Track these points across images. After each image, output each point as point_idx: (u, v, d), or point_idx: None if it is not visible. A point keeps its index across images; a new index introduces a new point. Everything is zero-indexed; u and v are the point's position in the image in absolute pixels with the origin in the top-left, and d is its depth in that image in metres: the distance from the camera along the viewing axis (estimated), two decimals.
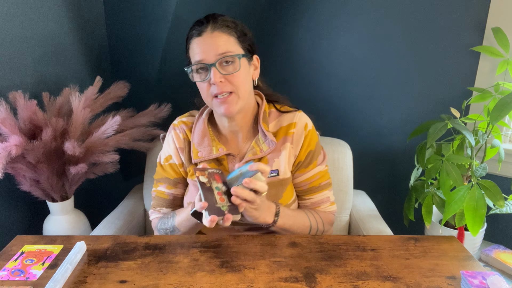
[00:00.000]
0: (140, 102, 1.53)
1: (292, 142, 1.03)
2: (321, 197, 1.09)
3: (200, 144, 1.03)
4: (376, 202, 1.49)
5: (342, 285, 0.80)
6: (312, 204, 1.09)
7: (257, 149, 1.01)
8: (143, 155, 1.47)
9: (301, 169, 1.06)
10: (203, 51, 0.93)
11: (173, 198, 1.11)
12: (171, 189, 1.10)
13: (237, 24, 0.97)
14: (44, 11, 1.37)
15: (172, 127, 1.10)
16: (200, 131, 1.04)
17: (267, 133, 1.01)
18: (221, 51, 0.92)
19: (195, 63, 0.94)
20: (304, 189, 1.08)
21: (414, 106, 1.63)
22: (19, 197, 1.38)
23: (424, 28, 1.53)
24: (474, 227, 1.19)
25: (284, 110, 1.07)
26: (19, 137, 1.12)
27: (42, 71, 1.41)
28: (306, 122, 1.06)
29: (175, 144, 1.07)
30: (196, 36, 0.94)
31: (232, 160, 1.03)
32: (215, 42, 0.92)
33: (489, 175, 1.49)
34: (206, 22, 0.94)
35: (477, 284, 0.77)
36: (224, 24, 0.94)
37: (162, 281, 0.81)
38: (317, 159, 1.07)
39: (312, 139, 1.06)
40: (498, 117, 1.16)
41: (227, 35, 0.94)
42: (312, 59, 1.76)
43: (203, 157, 1.02)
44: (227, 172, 1.04)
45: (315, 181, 1.07)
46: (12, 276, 0.83)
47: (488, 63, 1.45)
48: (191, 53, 0.96)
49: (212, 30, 0.93)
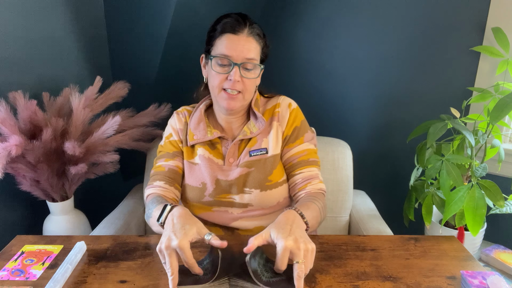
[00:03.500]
0: (140, 102, 1.53)
1: (278, 120, 1.11)
2: (310, 172, 1.09)
3: (196, 128, 1.10)
4: (376, 202, 1.49)
5: (342, 285, 0.80)
6: (303, 179, 1.08)
7: (247, 131, 1.09)
8: (143, 155, 1.47)
9: (288, 144, 1.11)
10: (234, 49, 0.99)
11: (168, 170, 1.10)
12: (168, 161, 1.11)
13: (265, 36, 1.06)
14: (44, 11, 1.37)
15: (175, 112, 1.17)
16: (196, 118, 1.12)
17: (258, 114, 1.09)
18: (249, 56, 1.00)
19: (221, 55, 0.99)
20: (293, 163, 1.10)
21: (414, 106, 1.63)
22: (19, 197, 1.38)
23: (424, 28, 1.53)
24: (474, 227, 1.19)
25: (269, 96, 1.17)
26: (19, 137, 1.12)
27: (42, 71, 1.41)
28: (289, 102, 1.13)
29: (176, 125, 1.14)
30: (231, 32, 0.99)
31: (225, 143, 1.10)
32: (247, 46, 1.00)
33: (489, 175, 1.49)
34: (243, 23, 1.00)
35: (477, 284, 0.76)
36: (257, 32, 1.02)
37: (162, 281, 0.81)
38: (304, 136, 1.11)
39: (297, 117, 1.12)
40: (498, 117, 1.16)
41: (256, 43, 1.02)
42: (312, 59, 1.76)
43: (198, 139, 1.09)
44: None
45: (304, 156, 1.10)
46: (12, 276, 0.83)
47: (488, 63, 1.45)
48: (219, 44, 1.00)
49: (248, 34, 1.00)
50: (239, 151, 1.09)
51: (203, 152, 1.09)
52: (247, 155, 1.07)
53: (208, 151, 1.09)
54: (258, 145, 1.08)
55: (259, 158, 1.07)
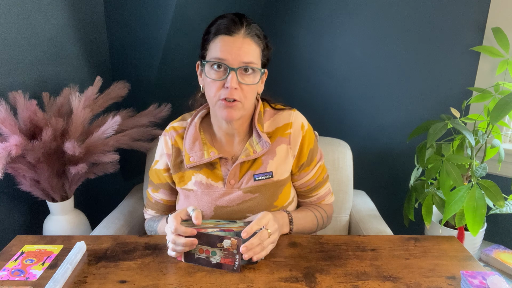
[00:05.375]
0: (140, 102, 1.53)
1: (289, 143, 1.02)
2: (325, 190, 1.12)
3: (192, 149, 1.01)
4: (376, 202, 1.49)
5: (342, 285, 0.80)
6: (319, 199, 1.12)
7: (250, 151, 0.99)
8: (143, 155, 1.47)
9: (305, 168, 1.06)
10: (229, 52, 0.89)
11: (155, 202, 1.13)
12: (154, 193, 1.12)
13: (265, 37, 0.96)
14: (44, 11, 1.37)
15: (163, 133, 1.08)
16: (191, 136, 1.02)
17: (262, 134, 0.99)
18: (247, 59, 0.89)
19: (215, 59, 0.90)
20: (311, 187, 1.09)
21: (414, 106, 1.63)
22: (19, 197, 1.38)
23: (424, 28, 1.53)
24: (474, 227, 1.19)
25: (278, 108, 1.06)
26: (19, 137, 1.12)
27: (42, 71, 1.41)
28: (302, 122, 1.04)
29: (163, 150, 1.07)
30: (225, 34, 0.89)
31: (225, 163, 1.01)
32: (245, 48, 0.89)
33: (489, 175, 1.49)
34: (240, 23, 0.90)
35: (477, 284, 0.76)
36: (256, 33, 0.92)
37: (162, 281, 0.81)
38: (316, 156, 1.09)
39: (311, 138, 1.05)
40: (498, 117, 1.16)
41: (255, 45, 0.92)
42: (312, 59, 1.76)
43: (195, 162, 1.00)
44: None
45: (319, 176, 1.09)
46: (12, 276, 0.83)
47: (488, 63, 1.45)
48: (213, 47, 0.91)
49: (245, 35, 0.90)
50: (241, 172, 1.00)
51: (200, 178, 1.01)
52: (251, 179, 0.99)
53: (206, 175, 1.00)
54: (264, 168, 0.99)
55: (264, 183, 0.99)
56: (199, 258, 0.85)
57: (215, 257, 0.84)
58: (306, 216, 1.05)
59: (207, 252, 0.84)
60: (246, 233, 0.82)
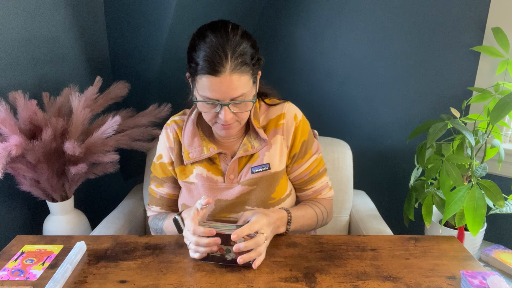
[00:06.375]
0: (140, 102, 1.53)
1: (283, 133, 1.04)
2: (321, 184, 1.11)
3: (191, 145, 1.03)
4: (376, 202, 1.49)
5: (342, 285, 0.80)
6: (314, 192, 1.11)
7: (248, 146, 1.02)
8: (143, 155, 1.47)
9: (298, 160, 1.06)
10: (218, 92, 0.87)
11: (160, 198, 1.12)
12: (159, 188, 1.12)
13: (255, 52, 0.91)
14: (44, 11, 1.37)
15: (165, 127, 1.10)
16: (189, 132, 1.04)
17: (258, 130, 1.01)
18: (237, 94, 0.88)
19: (206, 99, 0.89)
20: (305, 180, 1.09)
21: (414, 106, 1.63)
22: (19, 197, 1.38)
23: (424, 28, 1.53)
24: (474, 227, 1.19)
25: (272, 103, 1.08)
26: (19, 137, 1.12)
27: (42, 71, 1.41)
28: (295, 113, 1.05)
29: (165, 144, 1.08)
30: (211, 74, 0.85)
31: (224, 158, 1.03)
32: (233, 85, 0.87)
33: (489, 175, 1.49)
34: (224, 55, 0.85)
35: (477, 284, 0.76)
36: (242, 62, 0.87)
37: (162, 281, 0.81)
38: (311, 148, 1.08)
39: (304, 129, 1.06)
40: (498, 117, 1.16)
41: (244, 75, 0.88)
42: (312, 59, 1.76)
43: (194, 158, 1.02)
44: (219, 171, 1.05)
45: (313, 169, 1.09)
46: (12, 276, 0.83)
47: (488, 63, 1.45)
48: (201, 84, 0.88)
49: (230, 72, 0.85)
50: (240, 166, 1.03)
51: (201, 170, 1.03)
52: (249, 172, 1.01)
53: (206, 169, 1.03)
54: (260, 160, 1.02)
55: (261, 175, 1.01)
56: (214, 256, 0.86)
57: (230, 254, 0.85)
58: (305, 213, 1.05)
59: (221, 250, 0.85)
60: (236, 235, 0.82)
